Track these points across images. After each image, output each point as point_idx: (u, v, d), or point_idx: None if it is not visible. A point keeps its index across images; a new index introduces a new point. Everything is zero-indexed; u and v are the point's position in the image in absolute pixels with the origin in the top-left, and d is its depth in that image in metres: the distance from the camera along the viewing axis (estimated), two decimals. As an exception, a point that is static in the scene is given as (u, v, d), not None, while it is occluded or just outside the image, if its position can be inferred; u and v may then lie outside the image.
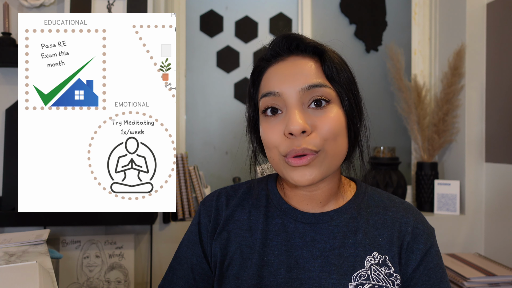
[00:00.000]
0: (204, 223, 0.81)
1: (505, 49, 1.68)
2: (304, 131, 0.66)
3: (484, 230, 1.79)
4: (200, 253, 0.80)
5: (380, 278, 0.71)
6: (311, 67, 0.70)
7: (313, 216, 0.75)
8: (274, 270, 0.73)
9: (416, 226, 0.75)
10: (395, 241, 0.74)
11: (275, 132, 0.69)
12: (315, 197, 0.76)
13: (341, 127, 0.69)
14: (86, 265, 1.53)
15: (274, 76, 0.71)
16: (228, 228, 0.78)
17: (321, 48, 0.71)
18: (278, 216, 0.77)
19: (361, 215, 0.76)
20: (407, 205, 0.79)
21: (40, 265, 0.92)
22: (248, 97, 0.77)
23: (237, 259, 0.76)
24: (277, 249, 0.74)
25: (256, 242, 0.76)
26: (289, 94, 0.68)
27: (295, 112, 0.66)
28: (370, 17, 1.99)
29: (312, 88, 0.67)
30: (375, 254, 0.73)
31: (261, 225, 0.77)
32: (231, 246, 0.77)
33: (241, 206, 0.80)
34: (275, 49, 0.73)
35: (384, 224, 0.76)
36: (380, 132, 2.00)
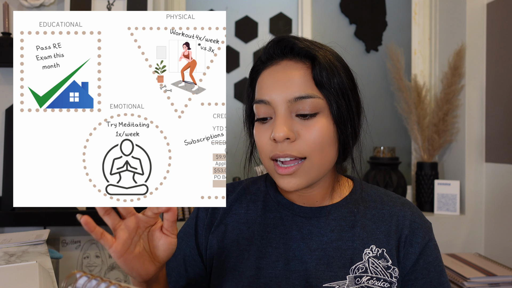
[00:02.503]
0: (202, 216, 0.82)
1: (505, 49, 1.68)
2: (288, 138, 0.68)
3: (484, 230, 1.78)
4: (194, 245, 0.81)
5: (378, 271, 0.73)
6: (300, 75, 0.70)
7: (311, 210, 0.77)
8: (272, 262, 0.75)
9: (414, 220, 0.77)
10: (393, 234, 0.75)
11: (264, 137, 0.72)
12: (311, 196, 0.78)
13: (327, 138, 0.70)
14: (86, 265, 1.54)
15: (266, 82, 0.73)
16: (225, 222, 0.80)
17: (313, 53, 0.71)
18: (276, 209, 0.79)
19: (358, 210, 0.77)
20: (404, 200, 0.81)
21: (40, 265, 0.92)
22: (245, 95, 0.79)
23: (234, 251, 0.77)
24: (275, 242, 0.76)
25: (253, 235, 0.77)
26: (278, 103, 0.70)
27: (281, 120, 0.69)
28: (370, 17, 1.99)
29: (299, 100, 0.69)
30: (372, 247, 0.74)
31: (259, 218, 0.79)
32: (228, 238, 0.79)
33: (239, 201, 0.82)
34: (269, 52, 0.74)
35: (382, 218, 0.77)
36: (380, 132, 2.00)
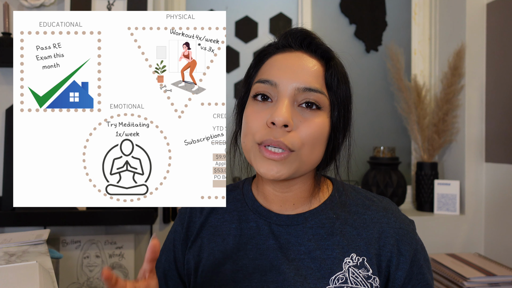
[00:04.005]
0: (178, 231, 0.81)
1: (505, 49, 1.68)
2: (286, 126, 0.65)
3: (484, 230, 1.78)
4: (172, 260, 0.80)
5: (358, 281, 0.69)
6: (314, 69, 0.69)
7: (287, 218, 0.74)
8: (248, 274, 0.72)
9: (399, 227, 0.73)
10: (374, 242, 0.72)
11: (258, 119, 0.68)
12: (287, 198, 0.74)
13: (322, 136, 0.69)
14: (86, 265, 1.54)
15: (277, 64, 0.70)
16: (202, 235, 0.78)
17: (330, 54, 0.71)
18: (253, 219, 0.76)
19: (338, 216, 0.74)
20: (385, 203, 0.77)
21: (40, 265, 0.92)
22: (245, 76, 0.76)
23: (209, 265, 0.75)
24: (252, 253, 0.73)
25: (228, 247, 0.75)
26: (285, 87, 0.67)
27: (284, 103, 0.66)
28: (370, 17, 1.99)
29: (307, 91, 0.67)
30: (353, 256, 0.71)
31: (234, 230, 0.76)
32: (204, 252, 0.76)
33: (215, 211, 0.79)
34: (288, 39, 0.72)
35: (363, 223, 0.73)
36: (380, 132, 1.99)
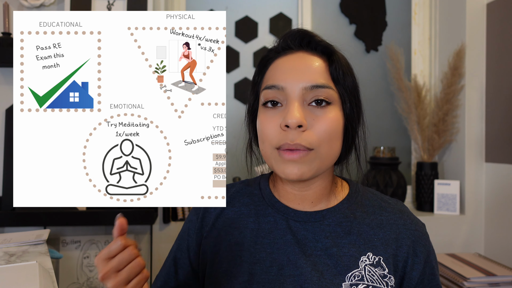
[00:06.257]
0: (193, 220, 0.82)
1: (505, 49, 1.68)
2: (300, 126, 0.66)
3: (484, 230, 1.78)
4: (185, 249, 0.81)
5: (375, 279, 0.71)
6: (318, 66, 0.70)
7: (305, 215, 0.75)
8: (266, 268, 0.73)
9: (415, 229, 0.75)
10: (391, 243, 0.73)
11: (272, 124, 0.69)
12: (306, 196, 0.76)
13: (337, 130, 0.70)
14: (86, 265, 1.54)
15: (280, 68, 0.71)
16: (217, 226, 0.79)
17: (331, 49, 0.72)
18: (270, 214, 0.77)
19: (355, 215, 0.76)
20: (400, 205, 0.79)
21: (40, 265, 0.92)
22: (252, 84, 0.77)
23: (226, 256, 0.76)
24: (270, 247, 0.75)
25: (245, 240, 0.76)
26: (292, 89, 0.68)
27: (295, 105, 0.67)
28: (370, 17, 1.99)
29: (315, 88, 0.68)
30: (369, 255, 0.73)
31: (252, 224, 0.77)
32: (220, 243, 0.78)
33: (231, 204, 0.81)
34: (287, 41, 0.73)
35: (380, 224, 0.75)
36: (380, 132, 1.99)
